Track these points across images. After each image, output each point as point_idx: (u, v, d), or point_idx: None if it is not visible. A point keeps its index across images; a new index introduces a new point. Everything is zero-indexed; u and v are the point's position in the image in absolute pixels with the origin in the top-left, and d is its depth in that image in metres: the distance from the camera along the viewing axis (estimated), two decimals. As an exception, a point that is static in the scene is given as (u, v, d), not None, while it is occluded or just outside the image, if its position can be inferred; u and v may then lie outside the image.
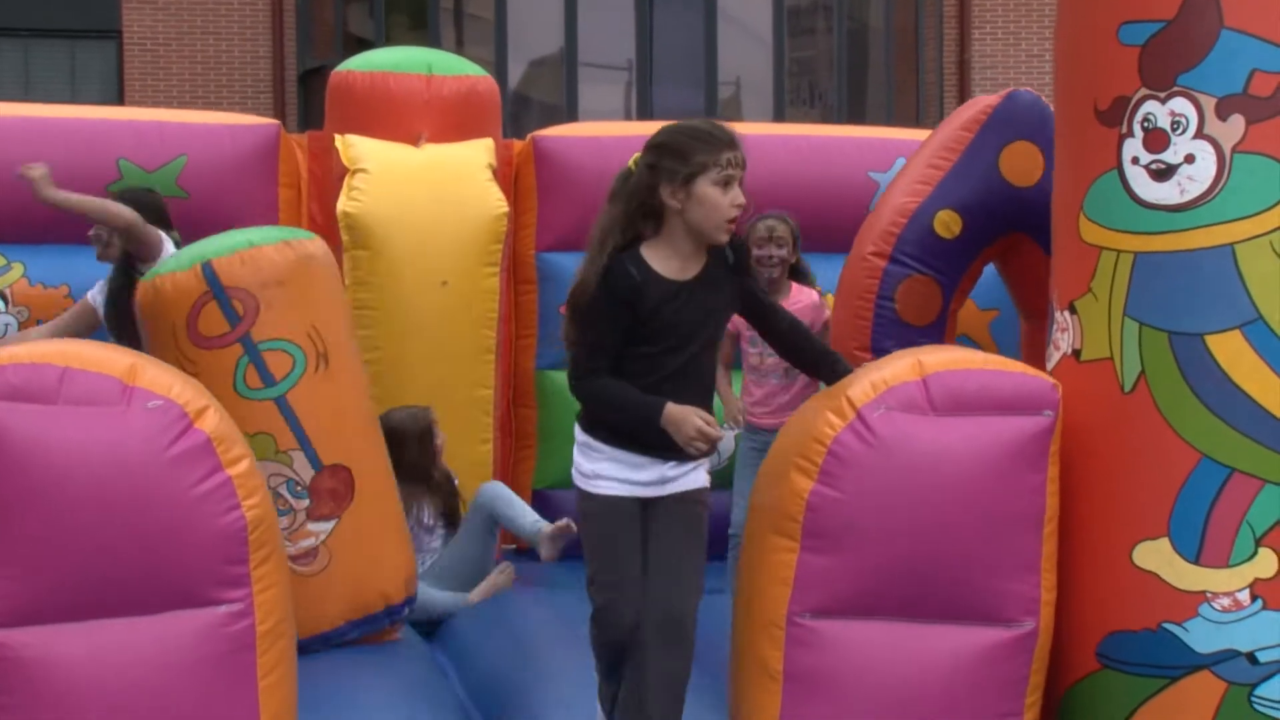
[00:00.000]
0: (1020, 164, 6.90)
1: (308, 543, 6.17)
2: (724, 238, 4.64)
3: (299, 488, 6.15)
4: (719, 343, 5.00)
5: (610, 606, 4.59)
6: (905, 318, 6.87)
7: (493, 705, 6.09)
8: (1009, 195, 6.88)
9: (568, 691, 5.80)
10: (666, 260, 4.62)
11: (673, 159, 4.57)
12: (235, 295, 5.94)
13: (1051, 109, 6.79)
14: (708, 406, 4.66)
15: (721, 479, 7.80)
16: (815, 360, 5.03)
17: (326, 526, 6.21)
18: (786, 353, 5.14)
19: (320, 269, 6.36)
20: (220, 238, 6.19)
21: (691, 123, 4.79)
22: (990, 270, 7.50)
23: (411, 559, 6.80)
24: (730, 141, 4.62)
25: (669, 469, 4.69)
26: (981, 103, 7.14)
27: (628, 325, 4.59)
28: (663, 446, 4.60)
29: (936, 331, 6.92)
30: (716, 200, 4.52)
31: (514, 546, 8.49)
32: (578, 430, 4.78)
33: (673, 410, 4.51)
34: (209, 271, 5.92)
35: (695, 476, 4.75)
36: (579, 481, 4.75)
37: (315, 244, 6.40)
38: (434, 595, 7.22)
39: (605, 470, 4.66)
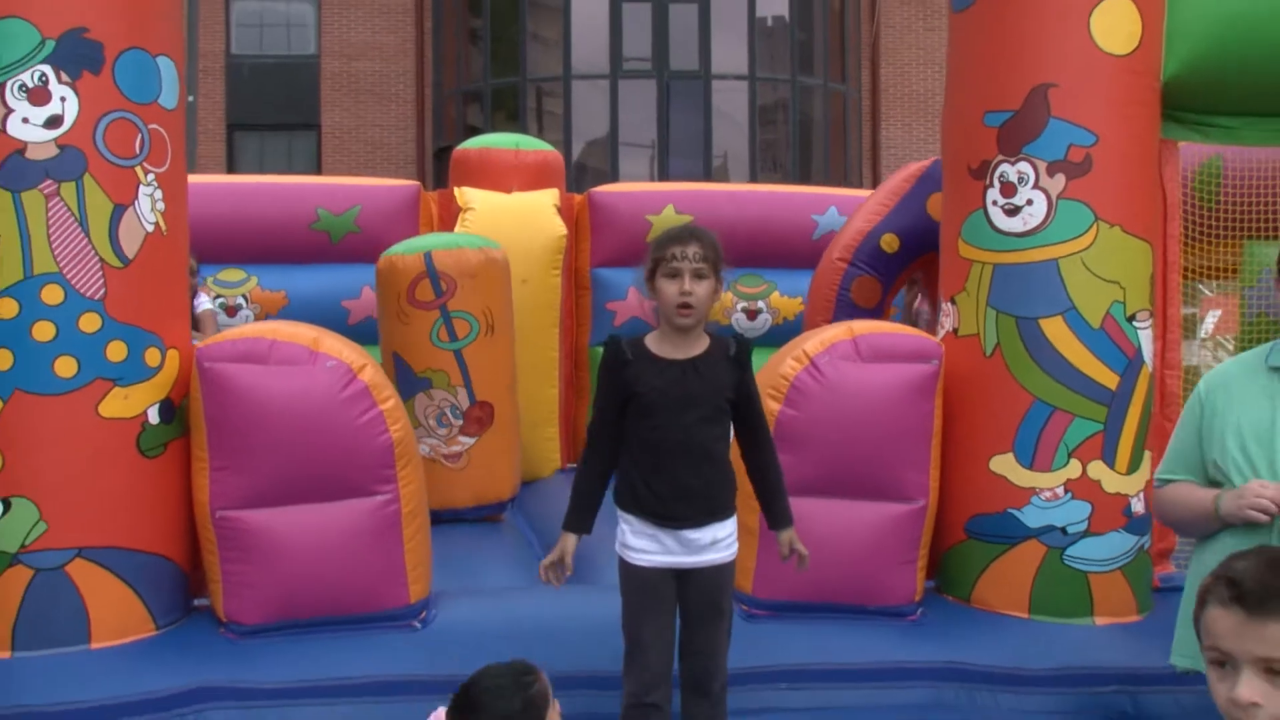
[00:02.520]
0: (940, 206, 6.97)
1: (456, 449, 6.36)
2: (680, 322, 3.82)
3: (458, 411, 6.31)
4: (723, 421, 3.95)
5: (637, 663, 3.84)
6: (857, 303, 6.87)
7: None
8: (932, 227, 6.57)
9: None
10: (662, 341, 3.88)
11: (647, 258, 3.92)
12: (442, 277, 6.18)
13: None
14: (716, 479, 3.88)
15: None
16: (765, 482, 4.06)
17: (470, 441, 6.39)
18: (746, 457, 4.08)
19: (498, 270, 6.49)
20: (437, 236, 6.41)
21: (667, 228, 4.00)
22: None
23: (518, 471, 6.83)
24: (678, 238, 3.86)
25: (689, 536, 3.81)
26: (915, 166, 7.11)
27: (623, 399, 3.85)
28: (667, 516, 3.82)
29: (876, 313, 6.85)
30: (664, 290, 3.81)
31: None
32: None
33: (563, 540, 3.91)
34: (428, 258, 6.17)
35: (726, 552, 3.89)
36: (617, 549, 3.95)
37: (499, 253, 6.52)
38: None
39: (634, 542, 3.86)
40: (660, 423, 3.81)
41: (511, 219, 8.19)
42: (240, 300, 8.33)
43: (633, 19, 21.99)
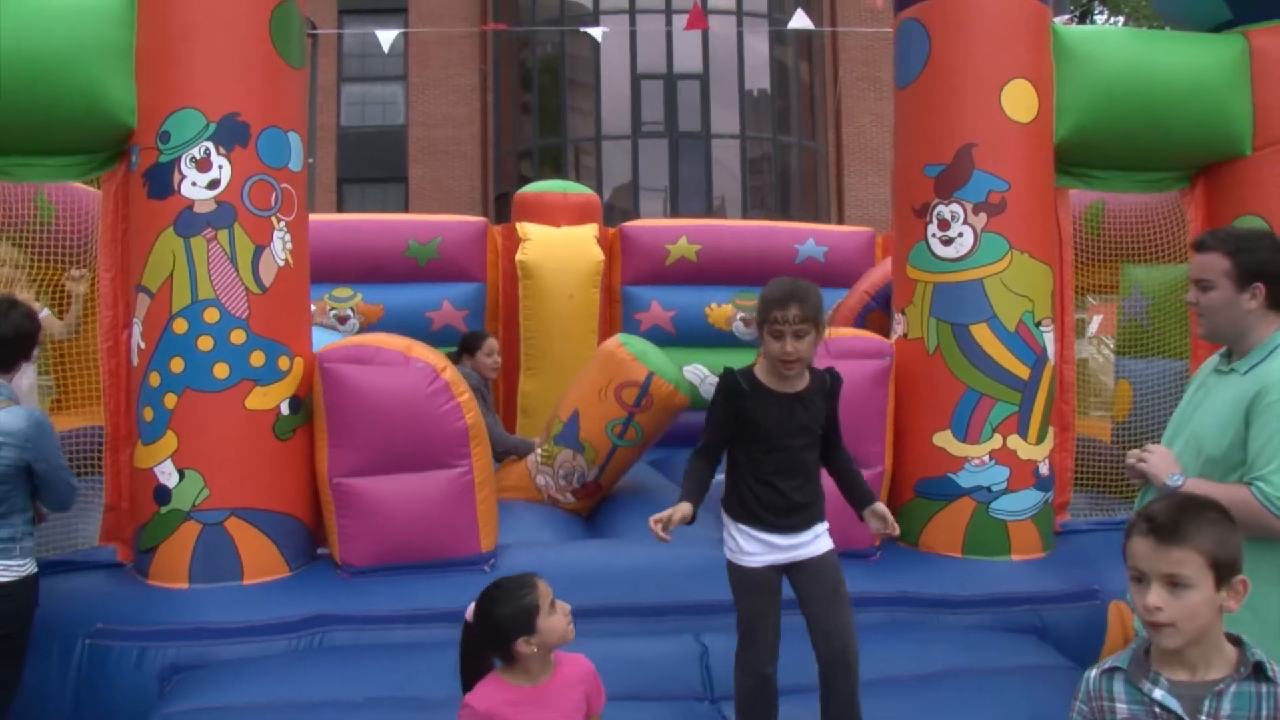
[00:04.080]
0: None
1: (560, 499, 5.99)
2: (786, 373, 3.39)
3: (583, 479, 5.93)
4: (818, 444, 3.55)
5: (754, 644, 3.42)
6: (872, 329, 6.76)
7: (599, 517, 6.05)
8: None
9: (647, 509, 5.92)
10: (770, 374, 3.42)
11: (758, 308, 3.42)
12: (648, 396, 5.76)
13: None
14: (815, 491, 3.52)
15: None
16: (849, 478, 3.70)
17: (573, 500, 5.99)
18: (827, 460, 3.65)
19: (677, 409, 5.98)
20: (663, 361, 5.90)
21: (775, 282, 3.42)
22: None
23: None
24: (779, 302, 3.33)
25: (787, 539, 3.46)
26: None
27: (733, 422, 3.43)
28: (778, 526, 3.45)
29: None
30: (769, 348, 3.36)
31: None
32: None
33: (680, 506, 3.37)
34: (649, 380, 5.77)
35: (823, 542, 3.52)
36: (726, 554, 3.52)
37: (685, 399, 5.97)
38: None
39: (745, 546, 3.45)
40: (773, 446, 3.42)
41: (560, 247, 8.21)
42: (349, 311, 8.23)
43: (649, 92, 21.98)
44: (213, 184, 4.43)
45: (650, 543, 3.47)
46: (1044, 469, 4.95)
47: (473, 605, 2.94)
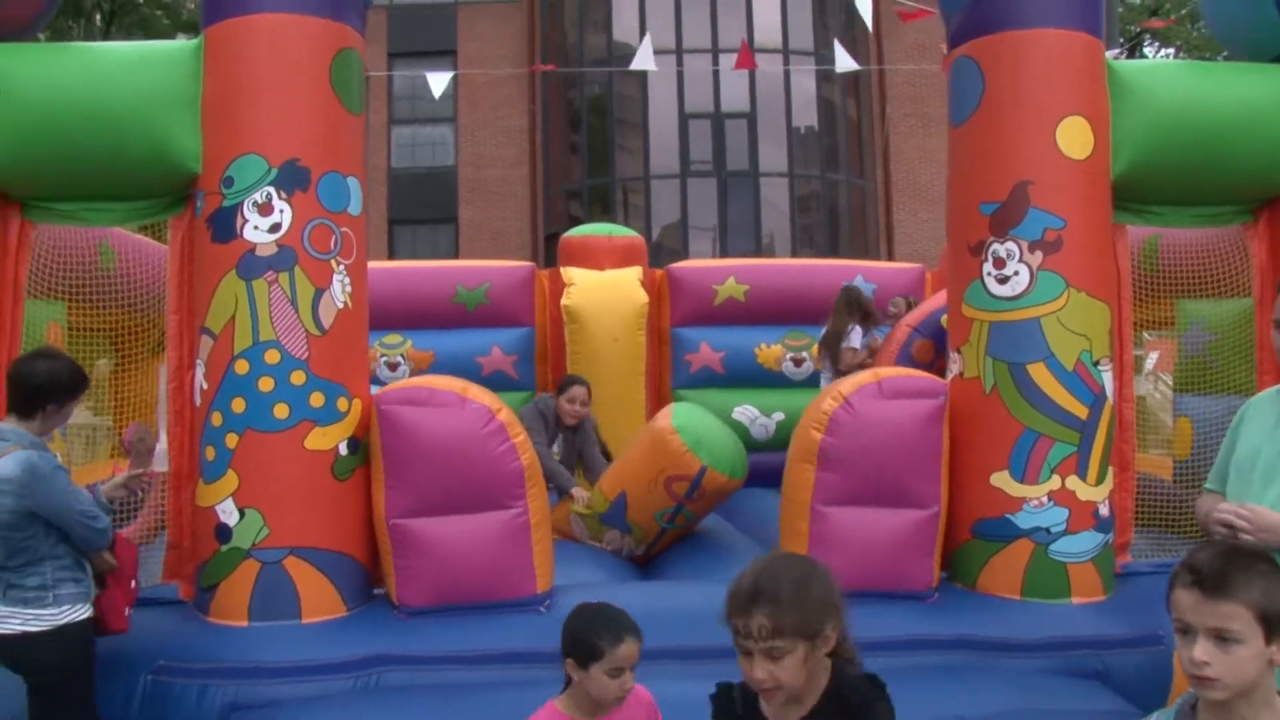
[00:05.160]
0: None
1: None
2: (768, 701, 2.32)
3: (629, 555, 5.97)
4: None
5: None
6: (915, 358, 6.84)
7: (649, 562, 6.04)
8: None
9: (701, 549, 5.89)
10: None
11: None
12: (700, 489, 5.74)
13: None
14: None
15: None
16: None
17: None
18: None
19: (725, 496, 5.99)
20: (717, 447, 5.79)
21: (750, 564, 2.40)
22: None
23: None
24: (740, 607, 2.28)
25: None
26: None
27: None
28: None
29: (929, 368, 6.57)
30: (742, 665, 2.31)
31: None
32: None
33: None
34: (701, 474, 5.72)
35: None
36: None
37: (734, 485, 5.93)
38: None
39: None
40: None
41: (605, 291, 8.29)
42: (399, 358, 8.36)
43: (697, 131, 22.09)
44: (274, 228, 4.53)
45: (704, 584, 3.46)
46: (1104, 510, 4.89)
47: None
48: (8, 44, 4.91)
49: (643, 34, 21.89)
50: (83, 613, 3.78)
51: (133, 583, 4.11)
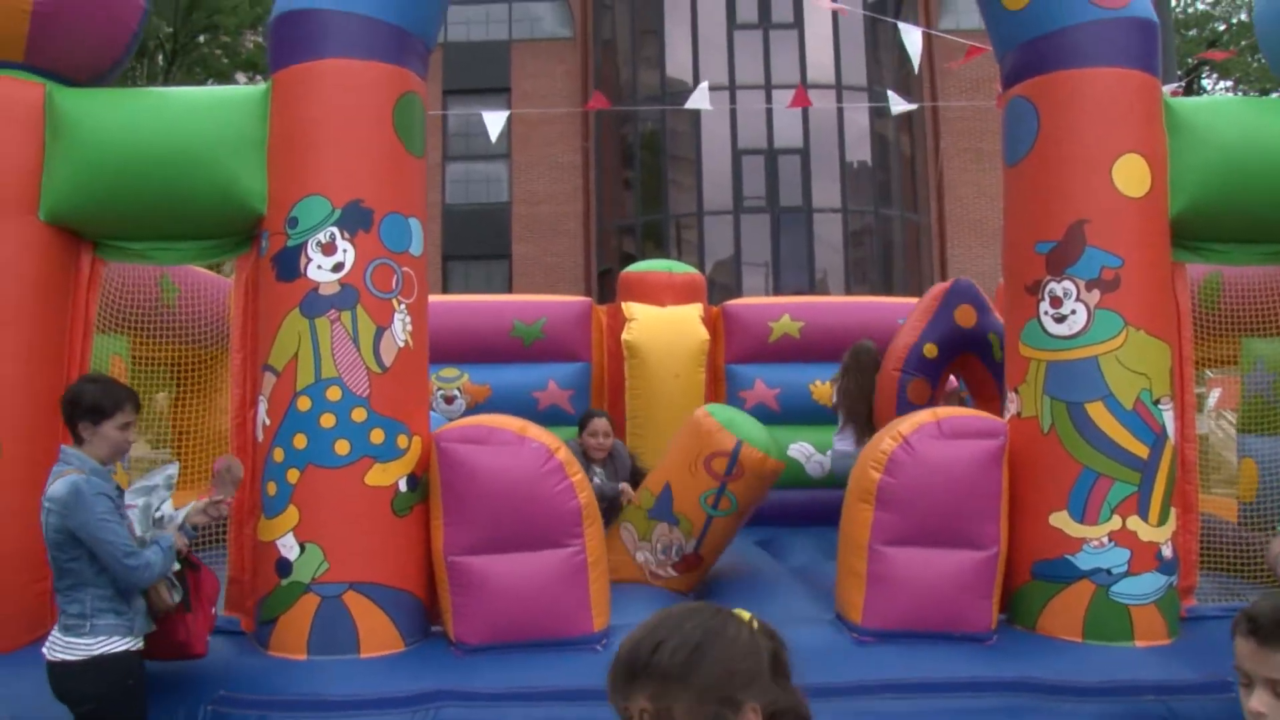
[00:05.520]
0: (964, 316, 6.88)
1: (661, 574, 5.92)
2: None
3: (681, 553, 5.87)
4: None
5: None
6: (913, 401, 6.78)
7: (708, 598, 6.01)
8: (961, 333, 6.87)
9: (756, 589, 5.88)
10: None
11: None
12: (740, 465, 5.72)
13: (974, 285, 6.94)
14: None
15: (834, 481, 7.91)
16: None
17: (674, 575, 5.89)
18: None
19: (773, 478, 5.95)
20: (752, 428, 5.84)
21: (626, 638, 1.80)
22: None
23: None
24: (613, 684, 1.73)
25: None
26: (939, 287, 7.14)
27: None
28: None
29: (929, 405, 6.66)
30: None
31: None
32: None
33: None
34: (738, 448, 5.71)
35: None
36: None
37: (782, 466, 5.96)
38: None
39: None
40: None
41: (665, 327, 8.31)
42: (455, 392, 8.37)
43: (750, 167, 22.23)
44: (337, 267, 4.63)
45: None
46: (1167, 551, 4.83)
47: None
48: (85, 89, 5.10)
49: (696, 70, 22.18)
50: (121, 644, 3.77)
51: (213, 609, 4.18)
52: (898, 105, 10.83)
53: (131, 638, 3.80)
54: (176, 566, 4.05)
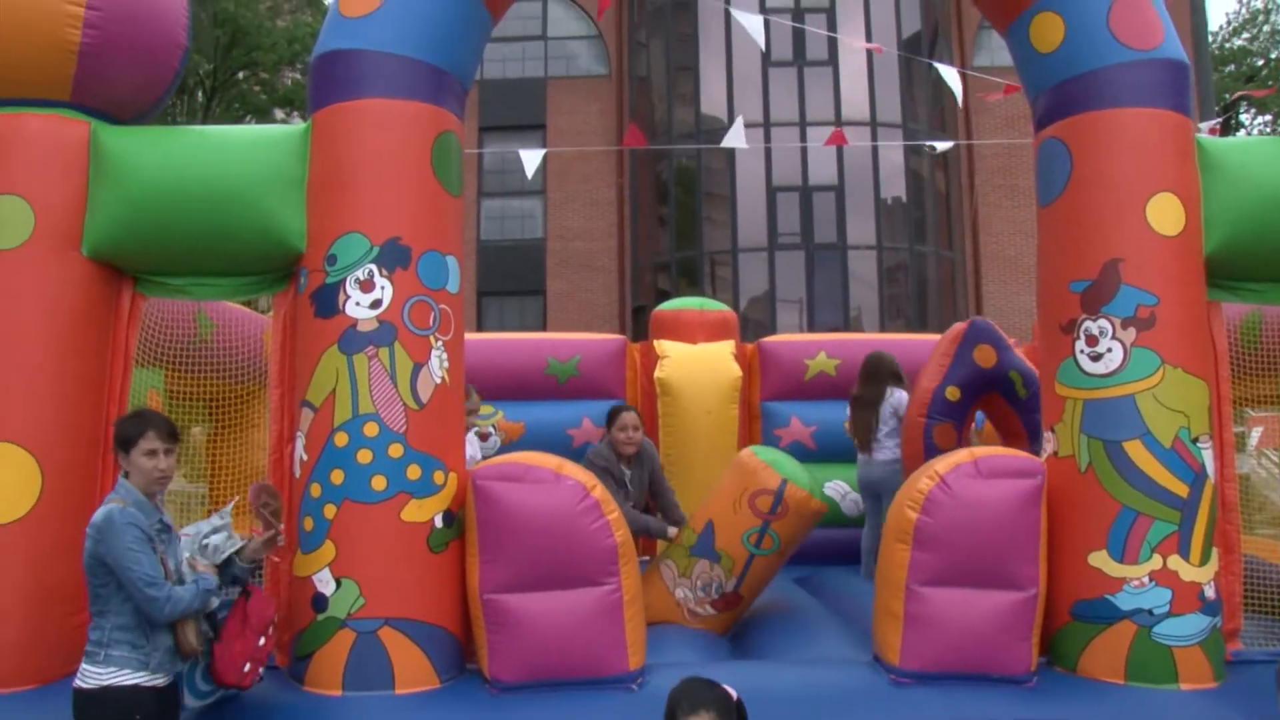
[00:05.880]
0: (984, 356, 6.92)
1: (700, 611, 5.89)
2: None
3: (721, 590, 5.88)
4: None
5: None
6: (939, 446, 6.77)
7: (745, 637, 5.97)
8: (982, 373, 6.90)
9: (793, 629, 5.84)
10: None
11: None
12: (784, 504, 5.77)
13: (992, 325, 6.99)
14: None
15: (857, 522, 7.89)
16: None
17: (714, 613, 5.91)
18: None
19: (815, 519, 6.01)
20: (796, 469, 5.93)
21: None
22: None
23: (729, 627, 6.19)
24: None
25: None
26: (956, 329, 7.18)
27: None
28: None
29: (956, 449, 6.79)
30: None
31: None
32: None
33: None
34: (783, 487, 5.79)
35: None
36: None
37: (825, 507, 6.01)
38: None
39: None
40: None
41: (698, 364, 8.34)
42: (490, 429, 8.43)
43: (785, 203, 22.24)
44: (375, 304, 4.69)
45: (802, 665, 3.47)
46: (1209, 592, 4.77)
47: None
48: (128, 127, 5.21)
49: (731, 107, 22.30)
50: (132, 678, 3.72)
51: (262, 640, 4.13)
52: (936, 144, 10.88)
53: (147, 673, 3.75)
54: (215, 602, 4.05)
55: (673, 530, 6.30)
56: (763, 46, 9.24)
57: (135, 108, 5.35)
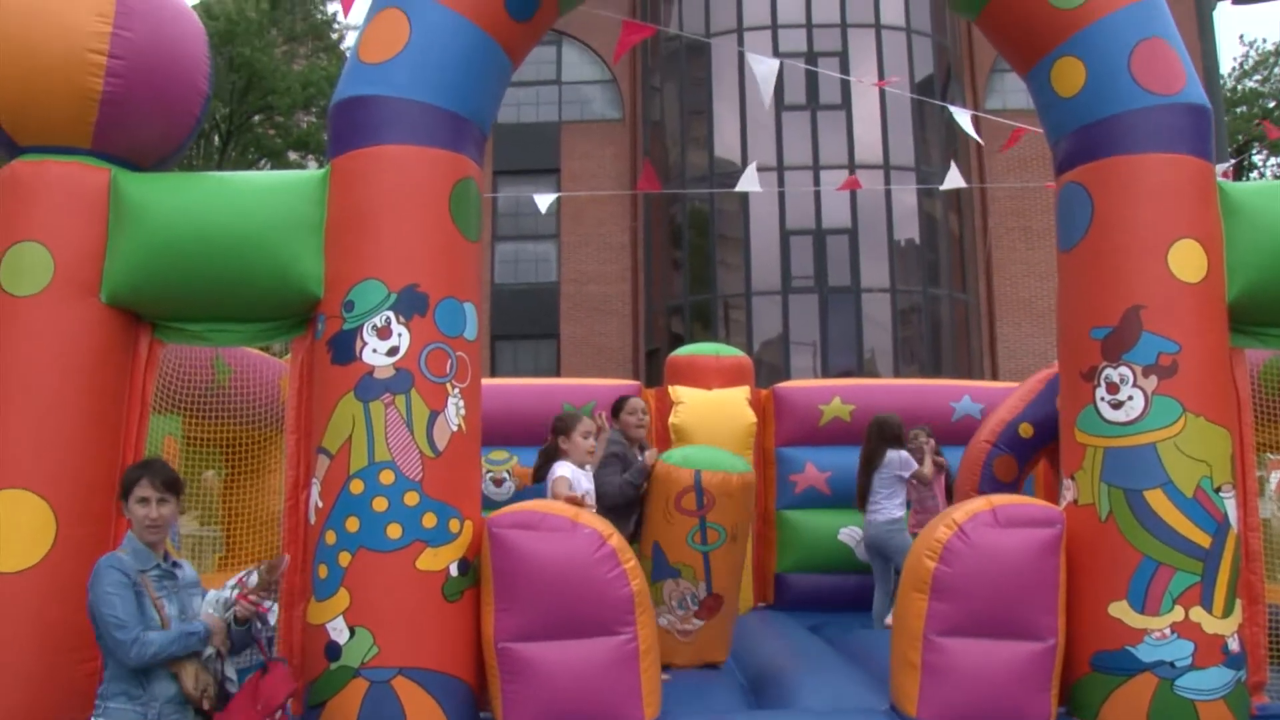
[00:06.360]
0: None
1: (688, 627, 6.03)
2: None
3: (696, 599, 5.98)
4: None
5: None
6: (998, 477, 6.80)
7: (761, 686, 5.90)
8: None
9: (809, 678, 5.75)
10: None
11: None
12: (706, 493, 5.85)
13: None
14: None
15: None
16: None
17: (700, 624, 6.06)
18: None
19: (749, 491, 6.09)
20: (708, 455, 6.02)
21: None
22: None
23: (730, 640, 6.35)
24: None
25: None
26: (1047, 371, 7.10)
27: None
28: None
29: (1013, 486, 6.80)
30: None
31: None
32: None
33: None
34: (697, 477, 5.85)
35: None
36: None
37: (751, 476, 6.10)
38: None
39: None
40: None
41: (713, 410, 8.33)
42: (505, 474, 8.39)
43: (798, 247, 22.31)
44: (392, 351, 4.70)
45: (819, 715, 3.43)
46: (1234, 644, 4.72)
47: None
48: (148, 174, 5.25)
49: (744, 151, 22.42)
50: None
51: (279, 713, 3.99)
52: (949, 183, 10.91)
53: None
54: (210, 650, 3.92)
55: (649, 453, 6.17)
56: (767, 101, 9.32)
57: (156, 155, 5.39)
